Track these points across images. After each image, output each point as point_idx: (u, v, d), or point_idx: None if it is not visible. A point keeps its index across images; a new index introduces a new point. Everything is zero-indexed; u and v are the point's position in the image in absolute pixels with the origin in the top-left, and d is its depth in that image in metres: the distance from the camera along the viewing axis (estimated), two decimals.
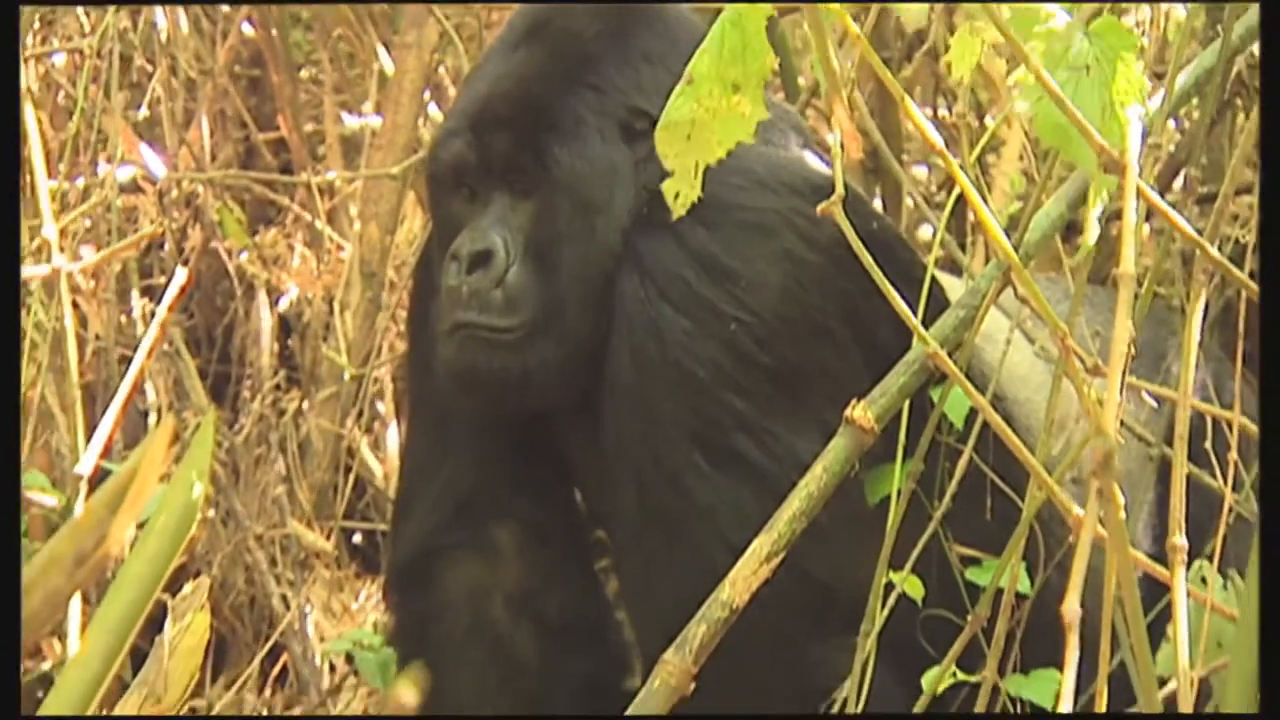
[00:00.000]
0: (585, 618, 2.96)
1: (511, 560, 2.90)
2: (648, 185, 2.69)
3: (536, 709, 2.88)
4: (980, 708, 2.46)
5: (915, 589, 2.54)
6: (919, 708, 2.52)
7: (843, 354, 2.64)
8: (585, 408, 2.72)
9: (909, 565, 2.52)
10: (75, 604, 1.94)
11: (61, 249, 3.18)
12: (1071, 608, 1.63)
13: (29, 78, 3.47)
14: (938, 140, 2.01)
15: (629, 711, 2.26)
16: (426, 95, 4.15)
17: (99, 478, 2.50)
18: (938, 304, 2.58)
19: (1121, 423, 2.55)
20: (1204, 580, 2.35)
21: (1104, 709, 1.73)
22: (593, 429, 2.71)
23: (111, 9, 3.77)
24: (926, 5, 3.52)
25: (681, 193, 2.17)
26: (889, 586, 2.51)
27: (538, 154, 2.69)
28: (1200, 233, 2.10)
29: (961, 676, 2.50)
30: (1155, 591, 1.97)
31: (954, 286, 2.75)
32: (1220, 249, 2.03)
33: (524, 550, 2.90)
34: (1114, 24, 2.05)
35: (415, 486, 2.97)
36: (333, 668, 3.76)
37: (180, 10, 4.03)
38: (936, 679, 2.50)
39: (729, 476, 2.58)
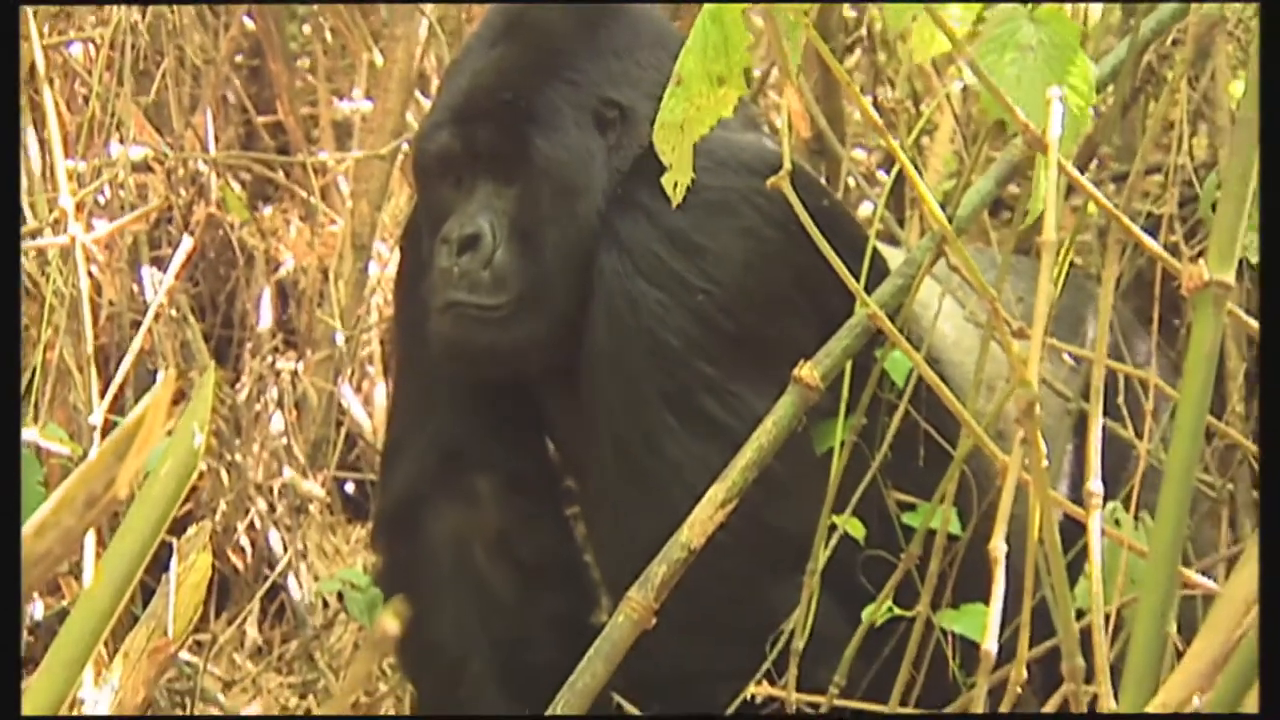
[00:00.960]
0: (558, 560, 2.96)
1: (490, 508, 2.89)
2: (620, 168, 2.69)
3: (514, 643, 2.88)
4: (914, 641, 2.46)
5: (857, 530, 2.54)
6: (857, 639, 2.52)
7: (800, 320, 2.63)
8: (565, 371, 2.71)
9: (849, 509, 2.52)
10: (89, 543, 1.93)
11: (78, 221, 3.16)
12: (997, 546, 1.62)
13: (47, 66, 3.45)
14: (880, 121, 2.00)
15: (597, 643, 2.26)
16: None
17: (111, 429, 2.49)
18: (880, 274, 2.57)
19: (1042, 380, 2.55)
20: (1118, 522, 2.35)
21: (1027, 639, 1.73)
22: (571, 390, 2.71)
23: (122, 3, 3.75)
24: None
25: (679, 182, 2.16)
26: (833, 529, 2.51)
27: (520, 144, 2.67)
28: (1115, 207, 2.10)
29: (898, 611, 2.49)
30: (1074, 534, 1.97)
31: (895, 257, 2.75)
32: (1132, 222, 2.02)
33: (501, 498, 2.89)
34: (1058, 12, 2.05)
35: (401, 439, 2.96)
36: (326, 604, 3.76)
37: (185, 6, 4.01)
38: (874, 612, 2.50)
39: (696, 435, 2.58)
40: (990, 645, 1.69)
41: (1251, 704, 1.26)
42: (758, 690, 2.55)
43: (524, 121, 2.68)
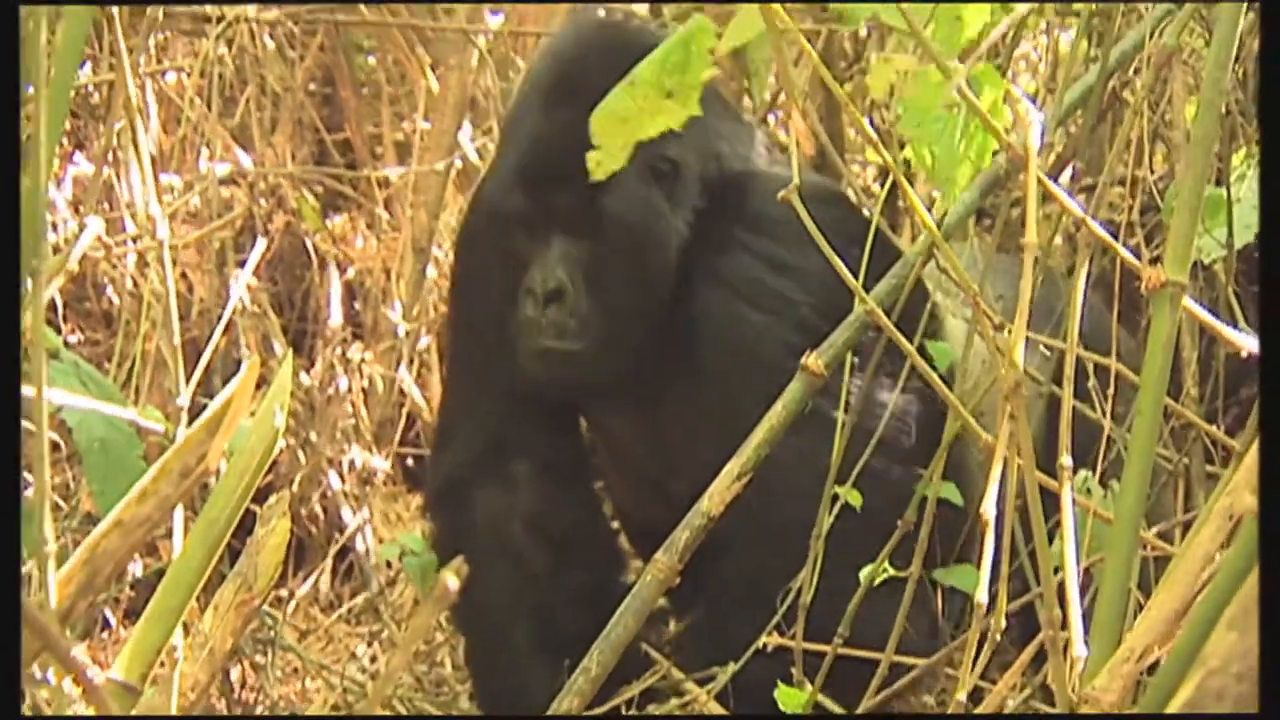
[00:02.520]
0: (586, 536, 2.96)
1: (526, 489, 2.89)
2: (684, 219, 2.70)
3: (547, 610, 2.88)
4: (907, 599, 2.44)
5: (855, 499, 2.51)
6: (858, 597, 2.49)
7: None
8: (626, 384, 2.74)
9: (851, 480, 2.49)
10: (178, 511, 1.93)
11: (171, 230, 3.16)
12: (987, 509, 1.62)
13: (141, 93, 3.46)
14: (876, 138, 2.00)
15: (628, 600, 2.25)
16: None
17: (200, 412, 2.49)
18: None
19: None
20: (1089, 491, 2.34)
21: (1006, 591, 1.72)
22: (629, 396, 2.76)
23: (212, 37, 3.75)
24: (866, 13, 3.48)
25: (604, 163, 2.13)
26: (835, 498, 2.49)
27: (589, 205, 2.66)
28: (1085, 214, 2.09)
29: (893, 572, 2.47)
30: (1046, 502, 1.96)
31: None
32: (1100, 227, 2.01)
33: (537, 481, 2.90)
34: (990, 71, 2.01)
35: (451, 425, 2.96)
36: (389, 565, 3.76)
37: (268, 38, 4.02)
38: (871, 574, 2.48)
39: (796, 429, 2.44)
40: (981, 596, 1.69)
41: (1219, 655, 1.25)
42: (769, 640, 2.54)
43: (590, 185, 2.67)
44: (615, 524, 3.12)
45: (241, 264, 3.89)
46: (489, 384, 2.88)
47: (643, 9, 4.03)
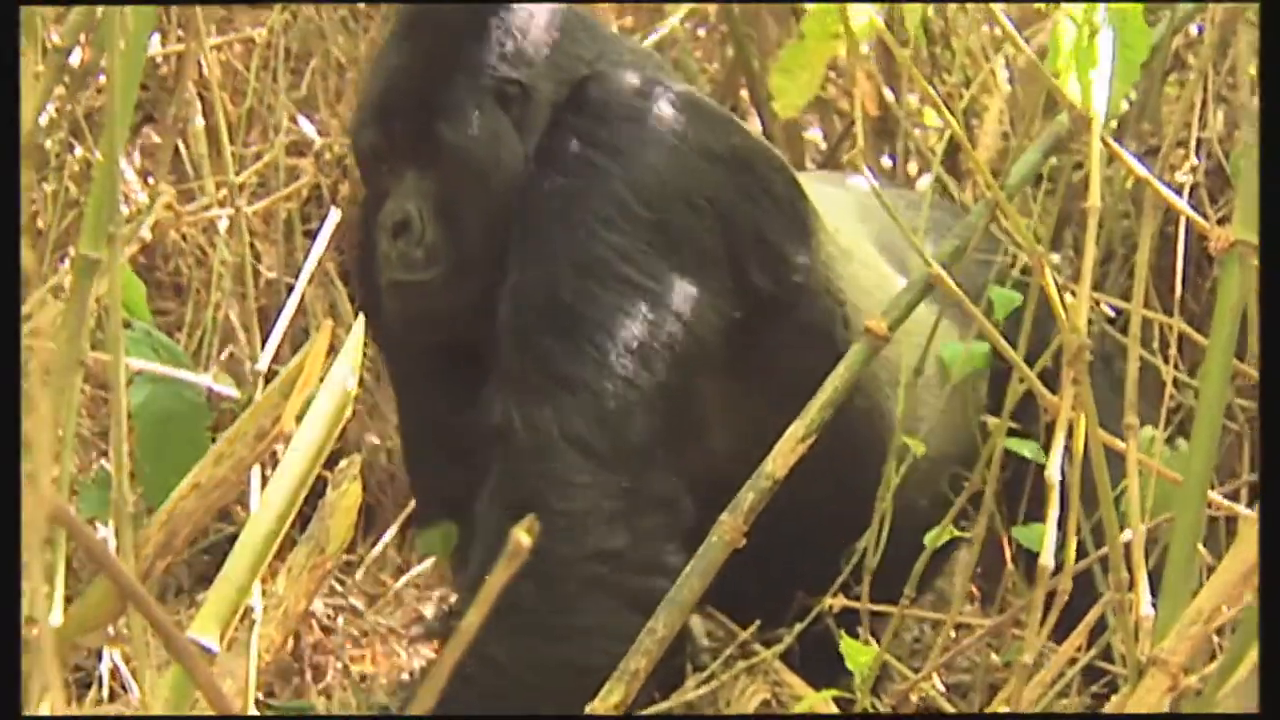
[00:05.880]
0: None
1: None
2: (536, 138, 2.65)
3: None
4: (974, 558, 2.43)
5: (920, 449, 2.49)
6: (923, 560, 2.48)
7: (707, 228, 2.58)
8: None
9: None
10: (255, 472, 1.94)
11: (241, 198, 3.18)
12: (1052, 472, 1.62)
13: (212, 65, 3.48)
14: (937, 98, 1.99)
15: (694, 561, 2.24)
16: None
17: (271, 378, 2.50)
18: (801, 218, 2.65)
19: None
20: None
21: (1074, 550, 1.72)
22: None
23: (277, 10, 3.77)
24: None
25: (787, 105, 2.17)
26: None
27: (431, 137, 2.63)
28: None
29: (957, 533, 2.46)
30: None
31: (828, 195, 2.76)
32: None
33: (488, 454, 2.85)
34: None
35: (412, 442, 2.90)
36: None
37: (332, 11, 4.03)
38: (935, 538, 2.46)
39: (619, 293, 2.49)
40: (1047, 559, 1.68)
41: None
42: (833, 602, 2.54)
43: (431, 116, 2.63)
44: None
45: (308, 233, 3.90)
46: (416, 368, 2.84)
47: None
